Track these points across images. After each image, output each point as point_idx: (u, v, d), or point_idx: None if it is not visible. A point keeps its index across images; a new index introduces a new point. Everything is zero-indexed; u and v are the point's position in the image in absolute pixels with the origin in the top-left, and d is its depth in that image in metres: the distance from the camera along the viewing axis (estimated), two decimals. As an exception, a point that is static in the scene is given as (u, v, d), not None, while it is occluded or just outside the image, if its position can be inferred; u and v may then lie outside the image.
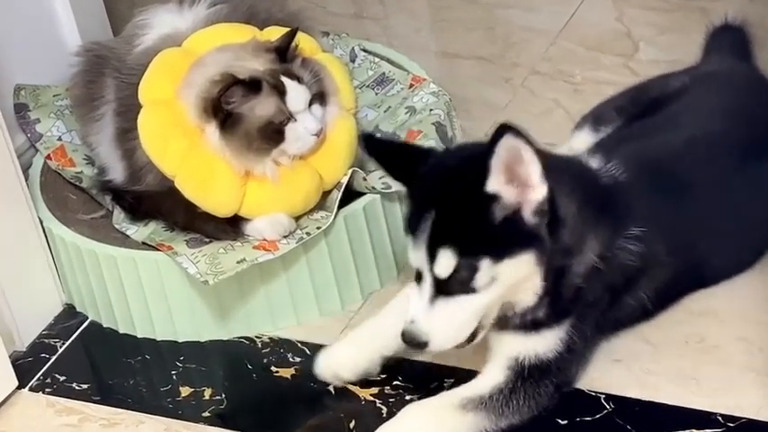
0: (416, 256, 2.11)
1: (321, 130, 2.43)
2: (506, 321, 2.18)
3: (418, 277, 2.13)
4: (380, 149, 2.22)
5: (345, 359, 2.32)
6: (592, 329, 2.24)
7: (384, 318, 2.32)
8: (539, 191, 2.05)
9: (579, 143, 2.59)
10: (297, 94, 2.41)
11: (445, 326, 2.11)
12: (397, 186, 2.49)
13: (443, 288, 2.09)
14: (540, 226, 2.08)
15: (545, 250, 2.09)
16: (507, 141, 2.02)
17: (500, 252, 2.07)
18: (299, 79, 2.42)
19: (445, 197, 2.08)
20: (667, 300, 2.34)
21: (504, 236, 2.07)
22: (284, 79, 2.41)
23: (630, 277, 2.24)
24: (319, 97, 2.45)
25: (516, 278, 2.10)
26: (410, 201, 2.17)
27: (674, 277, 2.30)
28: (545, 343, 2.19)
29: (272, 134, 2.41)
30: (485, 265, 2.06)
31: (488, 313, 2.13)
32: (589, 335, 2.24)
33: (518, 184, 2.05)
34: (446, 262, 2.07)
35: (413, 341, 2.12)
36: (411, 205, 2.16)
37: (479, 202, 2.05)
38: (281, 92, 2.41)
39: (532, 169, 2.04)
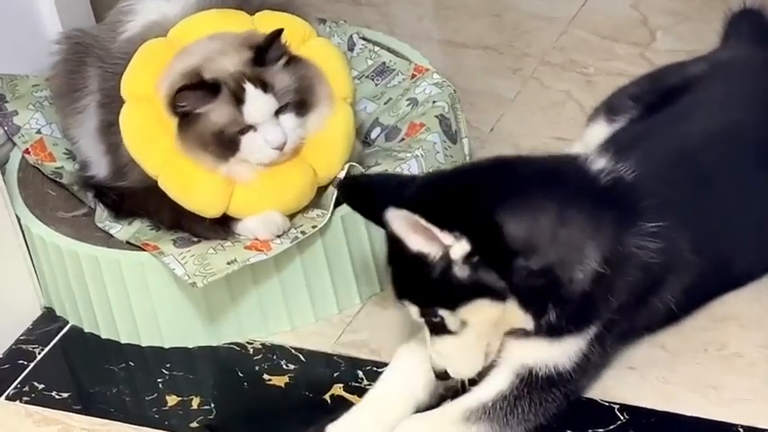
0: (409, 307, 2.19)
1: (284, 144, 2.41)
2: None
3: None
4: (355, 198, 2.30)
5: None
6: (616, 338, 2.24)
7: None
8: (456, 248, 2.08)
9: (594, 136, 2.57)
10: (257, 105, 2.39)
11: (450, 358, 2.18)
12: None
13: (431, 329, 2.16)
14: (480, 274, 2.09)
15: (501, 289, 2.10)
16: (392, 217, 2.08)
17: (451, 302, 2.13)
18: (265, 87, 2.39)
19: (392, 255, 2.15)
20: (694, 302, 2.33)
21: (449, 287, 2.11)
22: (248, 86, 2.39)
23: (654, 276, 2.22)
24: (296, 106, 2.43)
25: (486, 318, 2.14)
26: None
27: (700, 277, 2.28)
28: (563, 352, 2.18)
29: (227, 142, 2.40)
30: (443, 313, 2.13)
31: (488, 343, 2.18)
32: (611, 344, 2.24)
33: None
34: (413, 310, 2.16)
35: (438, 374, 2.20)
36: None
37: (413, 260, 2.10)
38: (239, 100, 2.39)
39: (435, 233, 2.07)
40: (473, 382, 2.21)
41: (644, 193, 2.23)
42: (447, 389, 2.26)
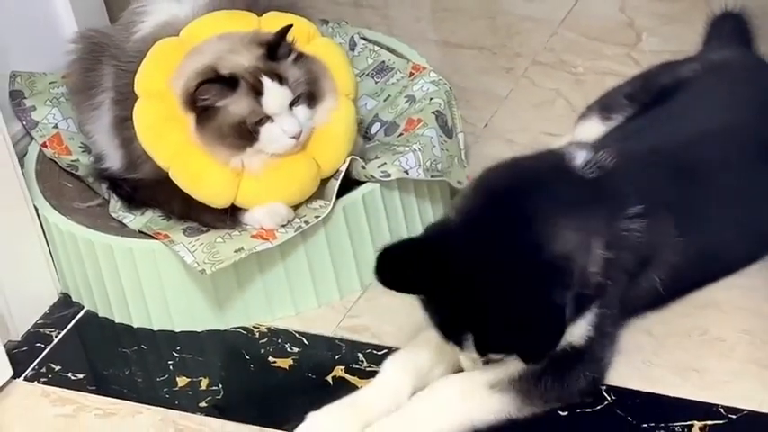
0: (466, 356, 2.19)
1: (300, 133, 2.41)
2: None
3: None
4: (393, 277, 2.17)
5: None
6: (616, 317, 2.25)
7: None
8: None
9: (587, 133, 2.57)
10: (274, 96, 2.40)
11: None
12: (397, 176, 2.49)
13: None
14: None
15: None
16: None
17: None
18: (281, 80, 2.39)
19: (478, 321, 2.12)
20: (679, 286, 2.33)
21: None
22: (264, 79, 2.39)
23: (642, 255, 2.23)
24: (307, 98, 2.43)
25: None
26: (437, 315, 2.17)
27: (685, 262, 2.28)
28: (577, 331, 2.19)
29: (246, 133, 2.40)
30: None
31: None
32: (613, 323, 2.24)
33: None
34: (499, 356, 2.16)
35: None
36: (440, 323, 2.17)
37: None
38: (257, 92, 2.39)
39: None
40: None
41: (625, 180, 2.24)
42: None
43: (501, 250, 2.11)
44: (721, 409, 2.18)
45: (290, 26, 2.43)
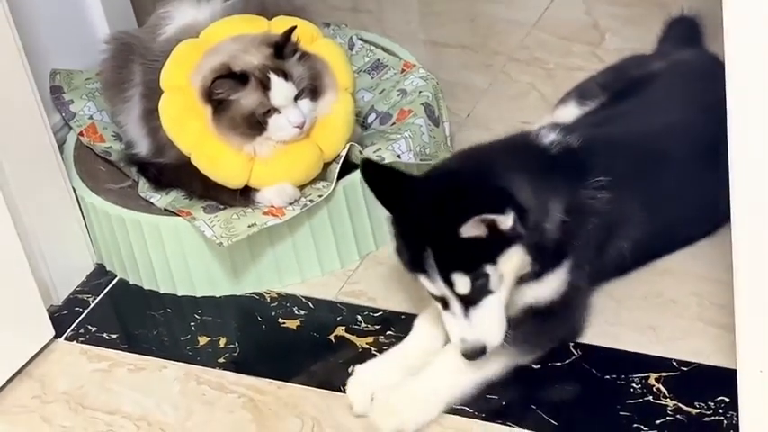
0: (436, 286, 2.11)
1: (304, 123, 2.42)
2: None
3: (444, 303, 2.13)
4: (372, 177, 2.19)
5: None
6: (585, 277, 2.25)
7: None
8: (507, 221, 2.08)
9: (565, 116, 2.55)
10: (280, 91, 2.40)
11: (489, 325, 2.12)
12: (390, 160, 2.49)
13: (469, 301, 2.10)
14: (515, 227, 2.10)
15: (524, 237, 2.11)
16: (471, 224, 2.05)
17: (494, 256, 2.09)
18: (286, 76, 2.40)
19: (436, 236, 2.08)
20: (642, 255, 2.34)
21: (492, 244, 2.09)
22: (271, 75, 2.39)
23: (606, 224, 2.24)
24: (311, 92, 2.44)
25: (516, 266, 2.12)
26: (402, 239, 2.15)
27: (647, 234, 2.29)
28: (548, 288, 2.20)
29: (256, 123, 2.41)
30: (489, 269, 2.09)
31: (508, 298, 2.15)
32: (583, 283, 2.25)
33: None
34: (462, 281, 2.08)
35: (473, 354, 2.12)
36: (405, 245, 2.14)
37: (464, 240, 2.07)
38: (265, 87, 2.39)
39: (497, 219, 2.07)
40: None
41: (591, 157, 2.25)
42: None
43: (461, 183, 2.12)
44: (674, 362, 2.19)
45: (295, 27, 2.43)
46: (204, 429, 2.26)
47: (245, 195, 2.48)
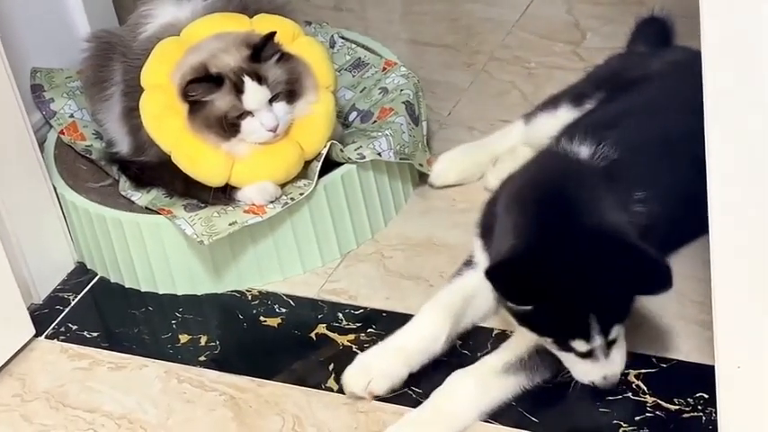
0: (589, 344, 2.06)
1: (277, 126, 2.41)
2: None
3: (584, 354, 2.08)
4: (505, 282, 2.05)
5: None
6: None
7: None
8: None
9: (561, 119, 2.50)
10: (254, 94, 2.39)
11: (622, 356, 2.12)
12: (371, 158, 2.50)
13: (611, 342, 2.08)
14: None
15: None
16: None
17: None
18: (260, 80, 2.40)
19: (602, 301, 2.04)
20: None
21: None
22: (246, 79, 2.39)
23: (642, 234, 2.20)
24: (287, 95, 2.43)
25: None
26: (550, 317, 2.05)
27: (666, 237, 2.25)
28: None
29: (229, 125, 2.40)
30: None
31: None
32: None
33: None
34: (617, 329, 2.07)
35: (613, 387, 2.12)
36: (557, 323, 2.06)
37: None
38: (239, 90, 2.39)
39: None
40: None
41: (629, 172, 2.21)
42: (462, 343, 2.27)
43: (583, 240, 2.03)
44: (653, 359, 2.20)
45: (274, 33, 2.43)
46: (185, 427, 2.26)
47: (225, 194, 2.48)
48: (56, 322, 2.52)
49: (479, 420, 2.14)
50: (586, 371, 2.11)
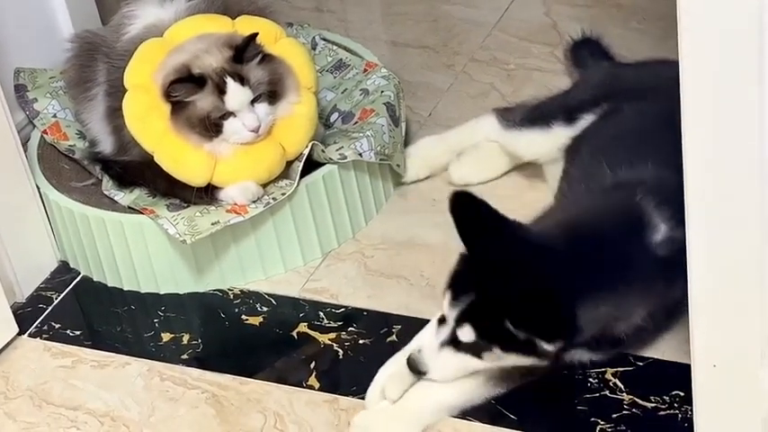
0: (451, 310, 2.06)
1: (259, 127, 2.42)
2: None
3: (441, 320, 2.10)
4: (466, 214, 2.04)
5: None
6: None
7: None
8: None
9: (555, 138, 2.46)
10: (236, 95, 2.40)
11: (445, 370, 2.11)
12: (352, 158, 2.51)
13: (457, 345, 2.07)
14: None
15: None
16: None
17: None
18: (242, 80, 2.40)
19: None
20: None
21: None
22: (228, 80, 2.39)
23: None
24: (269, 96, 2.44)
25: None
26: (471, 271, 2.05)
27: None
28: None
29: (212, 125, 2.41)
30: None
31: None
32: None
33: None
34: (469, 333, 2.05)
35: (414, 368, 2.12)
36: (470, 276, 2.05)
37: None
38: (221, 91, 2.40)
39: None
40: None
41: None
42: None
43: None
44: (630, 358, 2.21)
45: (256, 34, 2.43)
46: (168, 425, 2.26)
47: (208, 193, 2.48)
48: (39, 321, 2.52)
49: (455, 416, 2.15)
50: (426, 335, 2.11)
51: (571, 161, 2.41)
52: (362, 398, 2.20)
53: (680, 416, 2.10)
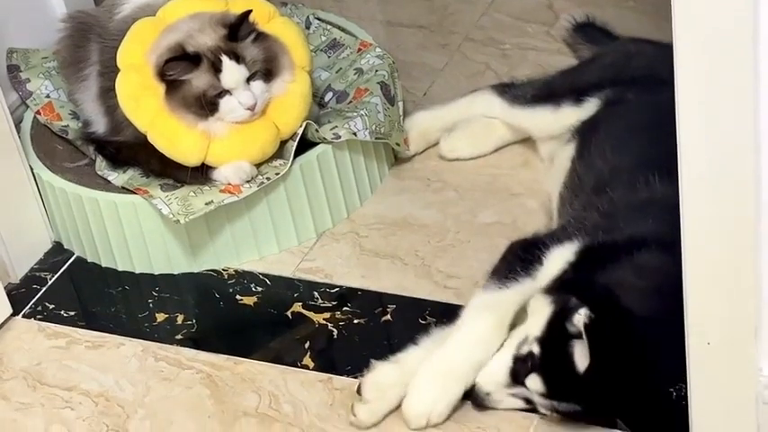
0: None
1: (255, 105, 2.41)
2: None
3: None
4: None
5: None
6: None
7: None
8: None
9: (565, 119, 2.46)
10: (231, 73, 2.39)
11: (499, 404, 2.10)
12: (346, 138, 2.50)
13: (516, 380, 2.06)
14: None
15: None
16: None
17: None
18: (238, 58, 2.40)
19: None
20: None
21: None
22: (223, 57, 2.39)
23: None
24: (264, 74, 2.43)
25: None
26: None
27: None
28: None
29: (207, 104, 2.40)
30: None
31: None
32: None
33: None
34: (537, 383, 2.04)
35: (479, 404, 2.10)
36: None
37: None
38: (217, 69, 2.39)
39: None
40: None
41: None
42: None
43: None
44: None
45: (250, 11, 2.42)
46: (162, 405, 2.26)
47: (202, 173, 2.48)
48: (33, 301, 2.52)
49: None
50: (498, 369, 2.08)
51: (588, 146, 2.35)
52: (356, 377, 2.20)
53: (674, 394, 2.09)
